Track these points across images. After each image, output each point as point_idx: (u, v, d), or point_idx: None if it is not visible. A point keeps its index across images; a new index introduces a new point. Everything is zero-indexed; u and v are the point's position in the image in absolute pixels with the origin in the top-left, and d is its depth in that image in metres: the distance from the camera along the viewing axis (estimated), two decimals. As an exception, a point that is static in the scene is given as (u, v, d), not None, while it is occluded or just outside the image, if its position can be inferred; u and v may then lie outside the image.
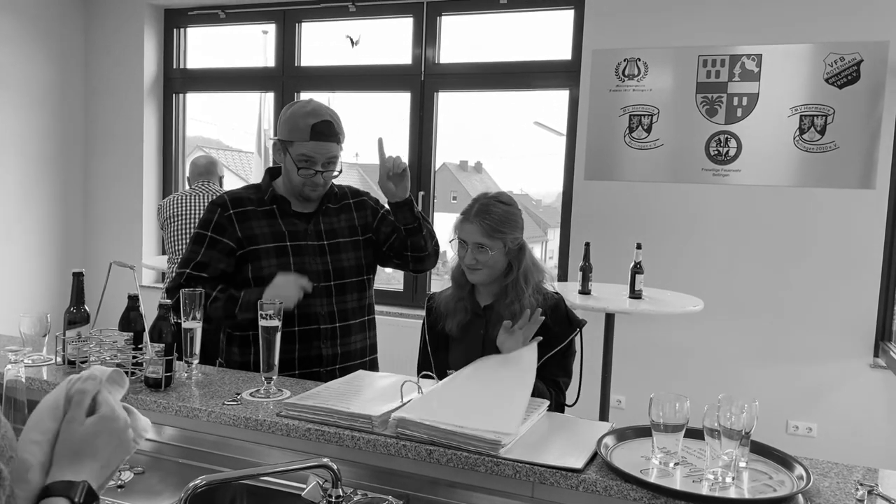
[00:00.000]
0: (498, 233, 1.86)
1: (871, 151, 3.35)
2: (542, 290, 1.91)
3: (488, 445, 1.38)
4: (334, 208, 2.12)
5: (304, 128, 1.96)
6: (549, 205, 4.94)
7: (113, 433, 0.82)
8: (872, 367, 3.46)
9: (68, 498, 0.75)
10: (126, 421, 0.84)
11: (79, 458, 0.79)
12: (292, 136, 1.98)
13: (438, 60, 4.26)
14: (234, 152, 6.51)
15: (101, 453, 0.80)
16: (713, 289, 3.54)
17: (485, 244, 1.86)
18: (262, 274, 1.99)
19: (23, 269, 4.65)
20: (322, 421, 1.52)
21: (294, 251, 2.02)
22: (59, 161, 4.82)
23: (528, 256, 1.90)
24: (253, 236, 2.01)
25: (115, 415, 0.82)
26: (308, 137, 1.96)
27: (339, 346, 2.05)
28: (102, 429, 0.81)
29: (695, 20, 3.62)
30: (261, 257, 2.00)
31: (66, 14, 4.76)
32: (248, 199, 2.06)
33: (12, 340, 2.07)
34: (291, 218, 2.06)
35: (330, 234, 2.08)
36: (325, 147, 1.98)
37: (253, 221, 2.03)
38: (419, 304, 4.27)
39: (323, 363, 2.03)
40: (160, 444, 1.68)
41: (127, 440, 0.83)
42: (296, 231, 2.04)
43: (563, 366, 1.88)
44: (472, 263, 1.88)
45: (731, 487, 1.27)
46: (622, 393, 3.74)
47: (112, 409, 0.83)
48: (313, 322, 2.00)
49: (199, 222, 2.06)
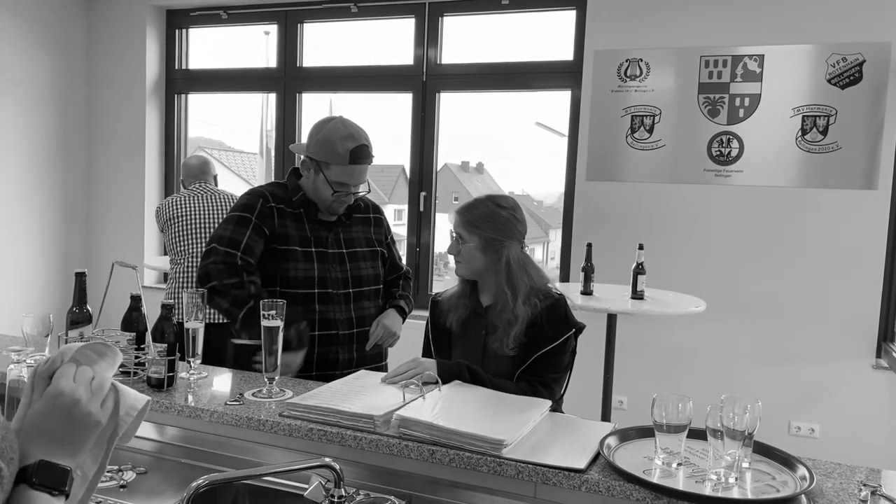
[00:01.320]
0: (474, 227, 1.89)
1: (873, 152, 3.35)
2: (538, 294, 1.89)
3: (491, 446, 1.38)
4: (356, 218, 2.18)
5: (342, 153, 2.00)
6: (551, 205, 4.94)
7: (62, 410, 0.78)
8: (875, 368, 3.45)
9: (25, 482, 0.74)
10: (75, 398, 0.79)
11: (34, 440, 0.77)
12: (329, 160, 2.02)
13: (440, 61, 4.26)
14: (236, 153, 6.52)
15: (55, 431, 0.78)
16: (715, 289, 3.54)
17: (462, 235, 1.91)
18: (288, 275, 2.03)
19: (25, 270, 4.66)
20: (324, 421, 1.52)
21: (318, 258, 2.07)
22: (61, 161, 4.83)
23: (515, 262, 1.87)
24: (286, 235, 2.05)
25: (59, 391, 0.78)
26: (347, 162, 2.01)
27: (356, 350, 2.11)
28: (50, 407, 0.78)
29: (697, 20, 3.62)
30: (289, 258, 2.04)
31: (68, 15, 4.77)
32: (283, 197, 2.09)
33: (15, 340, 2.08)
34: (316, 224, 2.10)
35: (349, 244, 2.13)
36: (361, 170, 2.04)
37: (287, 220, 2.06)
38: (422, 305, 4.25)
39: (339, 366, 2.08)
40: (163, 444, 1.68)
41: (79, 415, 0.79)
42: (319, 238, 2.09)
43: (554, 362, 1.85)
44: (454, 253, 1.94)
45: (734, 488, 1.26)
46: (624, 393, 3.74)
47: (55, 386, 0.79)
48: (332, 327, 2.06)
49: (239, 206, 2.07)
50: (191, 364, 1.81)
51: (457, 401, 1.60)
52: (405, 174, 4.48)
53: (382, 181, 7.64)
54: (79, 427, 0.79)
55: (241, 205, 2.07)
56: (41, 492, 0.75)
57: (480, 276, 1.94)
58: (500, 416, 1.53)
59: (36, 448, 0.77)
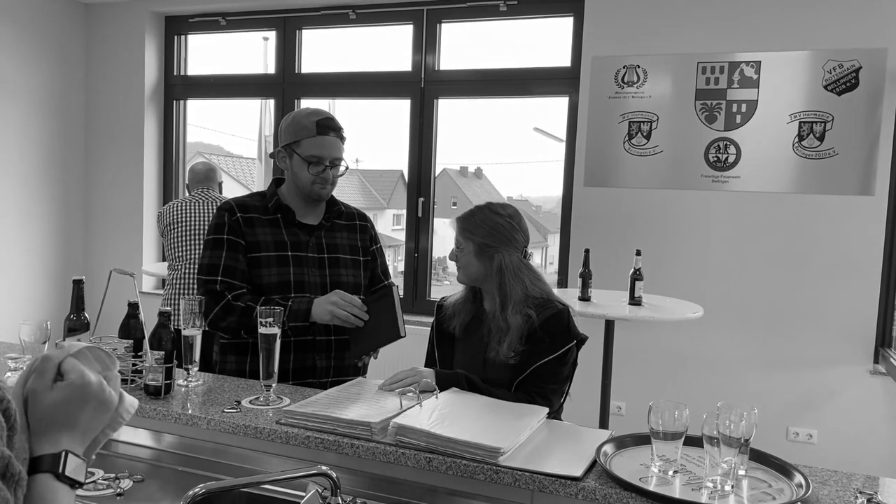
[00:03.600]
0: (470, 233, 1.91)
1: (870, 158, 3.36)
2: (534, 302, 1.87)
3: (487, 453, 1.38)
4: (339, 224, 2.15)
5: (309, 125, 2.01)
6: (549, 211, 4.95)
7: (86, 398, 0.78)
8: (872, 374, 3.46)
9: (52, 473, 0.74)
10: (100, 384, 0.80)
11: (54, 428, 0.76)
12: (298, 136, 2.02)
13: (438, 67, 4.27)
14: (234, 158, 6.53)
15: (78, 420, 0.78)
16: (713, 295, 3.55)
17: (459, 242, 1.93)
18: (261, 282, 2.00)
19: (23, 277, 4.66)
20: (321, 428, 1.52)
21: (294, 262, 2.04)
22: (59, 168, 4.83)
23: (508, 269, 1.87)
24: (256, 243, 2.02)
25: (86, 379, 0.79)
26: (315, 133, 2.00)
27: (334, 359, 2.06)
28: (73, 395, 0.78)
29: (694, 27, 3.63)
30: (261, 265, 2.01)
31: (67, 21, 4.78)
32: (253, 205, 2.08)
33: (12, 348, 2.08)
34: (294, 228, 2.07)
35: (331, 249, 2.10)
36: (331, 142, 2.02)
37: (257, 228, 2.04)
38: (420, 310, 4.27)
39: (317, 374, 2.04)
40: (159, 452, 1.68)
41: (105, 401, 0.80)
42: (298, 242, 2.06)
43: (553, 373, 1.84)
44: (454, 260, 1.96)
45: (731, 495, 1.27)
46: (622, 399, 3.74)
47: (81, 373, 0.79)
48: (308, 333, 2.00)
49: (211, 228, 2.07)
50: (188, 371, 1.81)
51: (454, 408, 1.60)
52: (404, 179, 4.49)
53: (381, 186, 7.65)
54: (102, 413, 0.80)
55: (211, 226, 2.06)
56: (64, 483, 0.75)
57: (480, 283, 1.95)
58: (496, 423, 1.53)
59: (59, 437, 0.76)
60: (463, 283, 1.99)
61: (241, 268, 2.01)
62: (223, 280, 1.98)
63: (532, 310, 1.85)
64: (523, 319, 1.84)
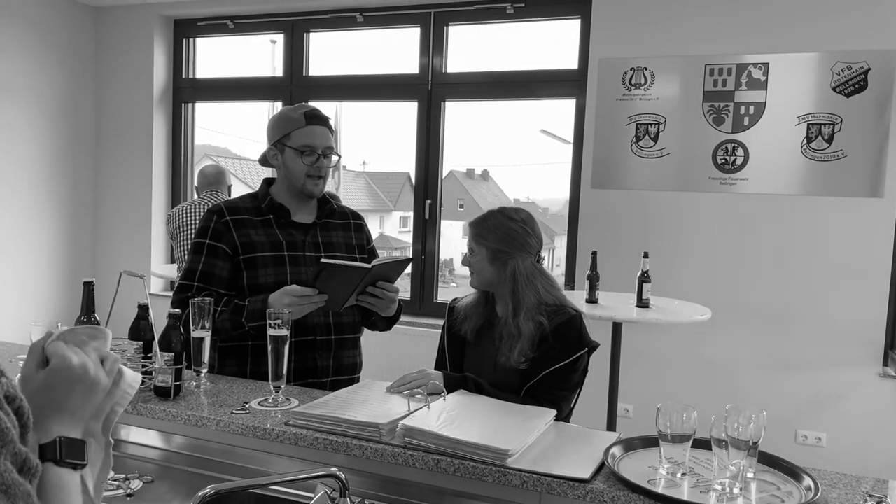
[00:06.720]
0: (483, 239, 1.91)
1: (879, 160, 3.34)
2: (548, 309, 1.86)
3: (496, 455, 1.38)
4: (333, 223, 2.15)
5: (297, 117, 2.04)
6: (556, 213, 4.95)
7: (70, 381, 0.77)
8: (882, 377, 3.44)
9: (52, 461, 0.74)
10: (83, 365, 0.78)
11: (42, 414, 0.76)
12: (288, 129, 2.05)
13: (445, 70, 4.28)
14: (242, 161, 6.55)
15: (65, 404, 0.77)
16: (721, 298, 3.54)
17: (472, 247, 1.94)
18: (257, 282, 2.00)
19: (33, 279, 4.69)
20: (330, 430, 1.53)
21: (291, 261, 2.03)
22: (69, 170, 4.86)
23: (521, 274, 1.86)
24: (250, 244, 2.02)
25: (67, 363, 0.77)
26: (304, 123, 2.03)
27: (333, 358, 2.06)
28: (56, 380, 0.77)
29: (701, 29, 3.63)
30: (257, 265, 2.01)
31: (76, 24, 4.81)
32: (245, 207, 2.09)
33: (23, 349, 2.09)
34: (289, 228, 2.07)
35: (328, 248, 2.10)
36: (322, 131, 2.05)
37: (250, 229, 2.04)
38: (427, 313, 4.27)
39: (317, 374, 2.04)
40: (169, 453, 1.69)
41: (92, 382, 0.78)
42: (293, 241, 2.06)
43: (563, 380, 1.84)
44: (466, 265, 1.96)
45: (739, 498, 1.27)
46: (630, 402, 3.73)
47: (63, 357, 0.77)
48: (310, 333, 2.01)
49: (197, 231, 2.08)
50: (198, 373, 1.82)
51: (462, 410, 1.61)
52: (411, 181, 4.50)
53: (388, 188, 7.66)
54: (90, 394, 0.79)
55: (198, 230, 2.07)
56: (66, 468, 0.75)
57: (494, 288, 1.94)
58: (504, 425, 1.53)
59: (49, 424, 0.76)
60: (475, 288, 1.98)
61: (218, 273, 2.00)
62: (199, 284, 2.00)
63: (544, 317, 1.84)
64: (535, 326, 1.83)
